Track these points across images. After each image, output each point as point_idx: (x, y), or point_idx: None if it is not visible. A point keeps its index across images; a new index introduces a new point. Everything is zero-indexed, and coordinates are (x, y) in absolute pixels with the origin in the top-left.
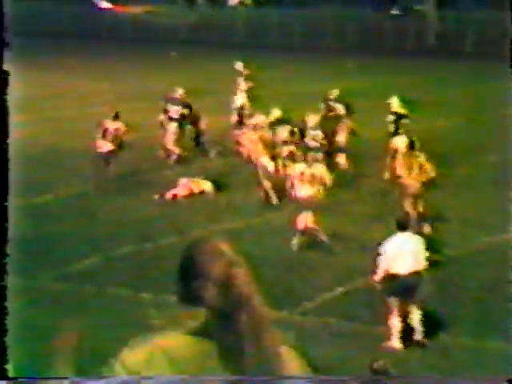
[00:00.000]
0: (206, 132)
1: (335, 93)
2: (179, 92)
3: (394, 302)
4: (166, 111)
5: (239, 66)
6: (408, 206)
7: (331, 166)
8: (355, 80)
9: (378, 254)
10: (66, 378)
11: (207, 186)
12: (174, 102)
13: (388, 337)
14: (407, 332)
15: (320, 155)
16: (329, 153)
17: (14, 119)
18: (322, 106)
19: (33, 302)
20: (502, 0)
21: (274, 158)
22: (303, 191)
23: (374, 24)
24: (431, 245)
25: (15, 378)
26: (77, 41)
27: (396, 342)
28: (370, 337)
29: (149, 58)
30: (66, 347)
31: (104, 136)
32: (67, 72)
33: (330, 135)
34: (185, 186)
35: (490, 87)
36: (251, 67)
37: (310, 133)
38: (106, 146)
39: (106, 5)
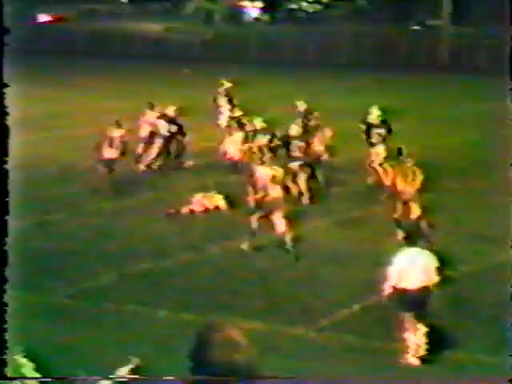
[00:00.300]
0: (186, 148)
1: (303, 105)
2: (171, 109)
3: (406, 317)
4: (154, 127)
5: (225, 84)
6: (402, 212)
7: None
8: (369, 96)
9: (388, 269)
10: (65, 378)
11: (220, 201)
12: (165, 118)
13: (404, 353)
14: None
15: (297, 164)
16: (309, 163)
17: (28, 137)
18: (300, 120)
19: (48, 320)
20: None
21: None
22: (272, 192)
23: (389, 40)
24: (444, 260)
25: (15, 378)
26: (89, 58)
27: (412, 358)
28: (386, 353)
29: (161, 75)
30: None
31: (110, 144)
32: (80, 89)
33: (307, 144)
34: (198, 202)
35: (502, 103)
36: (237, 85)
37: (294, 143)
38: (110, 153)
39: (44, 18)
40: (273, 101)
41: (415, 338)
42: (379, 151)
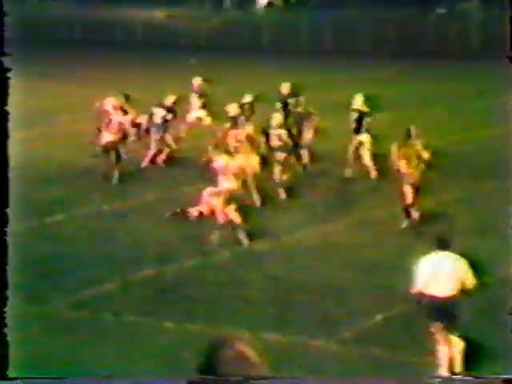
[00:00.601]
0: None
1: (286, 87)
2: (170, 99)
3: (436, 327)
4: (150, 116)
5: (196, 81)
6: (408, 195)
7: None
8: (392, 86)
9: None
10: (65, 377)
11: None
12: (161, 106)
13: (433, 366)
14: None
15: (282, 155)
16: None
17: (26, 134)
18: (279, 104)
19: (46, 331)
20: None
21: (263, 160)
22: (227, 184)
23: (414, 26)
24: (477, 265)
25: (15, 378)
26: (91, 49)
27: (442, 372)
28: (414, 367)
29: (167, 66)
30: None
31: (107, 127)
32: (78, 82)
33: (296, 133)
34: (206, 200)
35: None
36: (210, 83)
37: (273, 132)
38: (107, 137)
39: None
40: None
41: (446, 350)
42: (363, 139)
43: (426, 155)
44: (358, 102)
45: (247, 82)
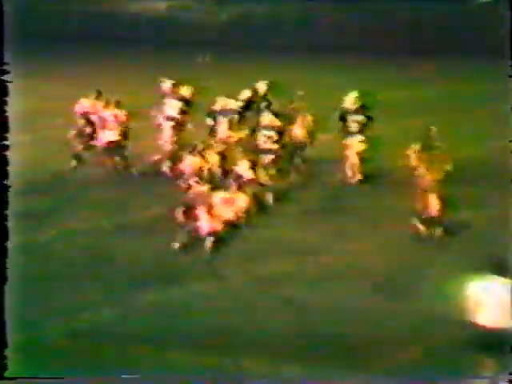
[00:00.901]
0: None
1: (262, 86)
2: (187, 90)
3: (483, 361)
4: (163, 109)
5: (168, 83)
6: (420, 202)
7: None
8: (425, 87)
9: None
10: (63, 377)
11: (243, 202)
12: (174, 97)
13: None
14: None
15: (270, 157)
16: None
17: (15, 139)
18: (263, 104)
19: (37, 362)
20: None
21: (253, 165)
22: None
23: (450, 18)
24: None
25: (15, 378)
26: (89, 46)
27: None
28: None
29: (173, 64)
30: None
31: (105, 127)
32: (69, 81)
33: (286, 131)
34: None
35: None
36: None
37: (263, 132)
38: (105, 136)
39: None
40: (317, 95)
41: None
42: (355, 142)
43: (448, 166)
44: (349, 100)
45: (259, 78)
